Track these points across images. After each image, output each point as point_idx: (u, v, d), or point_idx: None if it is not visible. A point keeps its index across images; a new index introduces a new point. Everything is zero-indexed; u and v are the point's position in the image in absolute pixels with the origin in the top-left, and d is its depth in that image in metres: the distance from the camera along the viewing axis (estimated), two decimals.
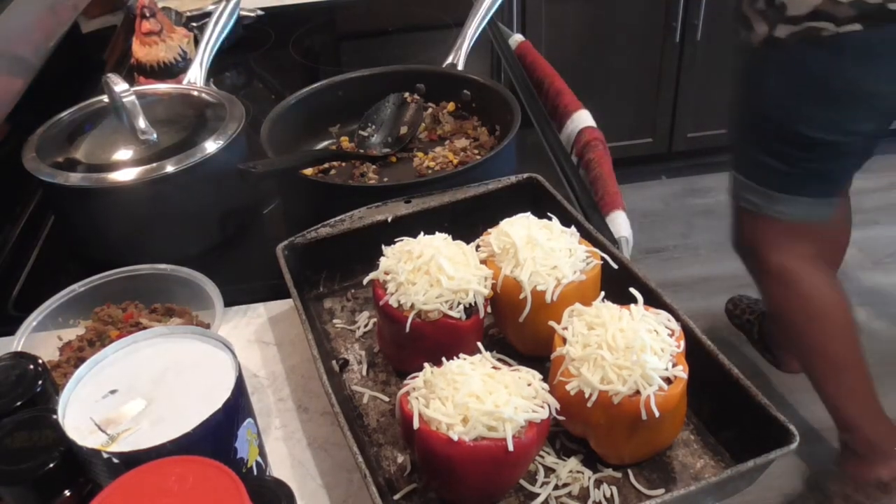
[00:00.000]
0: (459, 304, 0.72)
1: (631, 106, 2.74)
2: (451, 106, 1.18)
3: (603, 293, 0.74)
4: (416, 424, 0.62)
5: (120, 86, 0.97)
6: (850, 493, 1.76)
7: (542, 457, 0.69)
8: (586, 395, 0.64)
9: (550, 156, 1.16)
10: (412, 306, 0.72)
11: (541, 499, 0.66)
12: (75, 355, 0.79)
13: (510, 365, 0.70)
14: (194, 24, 1.43)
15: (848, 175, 1.60)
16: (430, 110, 1.18)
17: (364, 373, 0.80)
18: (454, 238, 0.78)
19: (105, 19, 1.64)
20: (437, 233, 0.78)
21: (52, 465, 0.56)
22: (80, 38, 1.46)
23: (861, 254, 2.58)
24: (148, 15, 1.28)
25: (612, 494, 0.66)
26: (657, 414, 0.62)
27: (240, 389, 0.59)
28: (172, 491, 0.47)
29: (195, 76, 1.18)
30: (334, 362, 0.81)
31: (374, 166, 1.09)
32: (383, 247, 0.78)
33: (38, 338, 0.80)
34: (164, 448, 0.53)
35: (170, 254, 0.89)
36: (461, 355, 0.66)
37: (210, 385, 0.59)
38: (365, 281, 0.78)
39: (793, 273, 1.62)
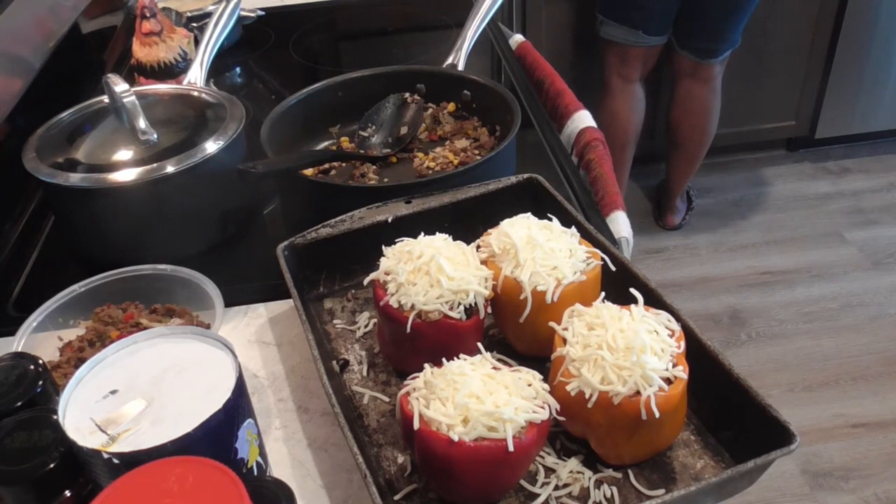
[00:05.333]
0: (460, 304, 0.72)
1: None
2: (451, 106, 1.18)
3: (603, 294, 0.74)
4: (416, 425, 0.62)
5: (120, 86, 0.97)
6: None
7: (542, 457, 0.69)
8: (586, 396, 0.64)
9: (550, 156, 1.16)
10: (412, 307, 0.72)
11: (541, 499, 0.66)
12: (75, 356, 0.79)
13: (510, 365, 0.70)
14: (194, 25, 1.43)
15: (656, 13, 2.25)
16: (430, 111, 1.18)
17: (364, 373, 0.80)
18: (454, 238, 0.78)
19: (105, 20, 1.64)
20: (437, 233, 0.78)
21: (52, 466, 0.56)
22: (79, 39, 1.46)
23: (861, 254, 2.58)
24: (148, 15, 1.28)
25: (612, 495, 0.66)
26: (657, 414, 0.62)
27: (240, 390, 0.59)
28: (172, 491, 0.47)
29: (195, 76, 1.18)
30: (334, 363, 0.81)
31: (374, 167, 1.09)
32: (383, 247, 0.78)
33: (39, 338, 0.80)
34: (165, 448, 0.53)
35: (170, 254, 0.89)
36: (461, 356, 0.66)
37: (210, 385, 0.59)
38: (365, 281, 0.78)
39: (613, 87, 2.41)
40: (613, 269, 0.77)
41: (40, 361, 0.66)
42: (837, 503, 1.86)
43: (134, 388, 0.59)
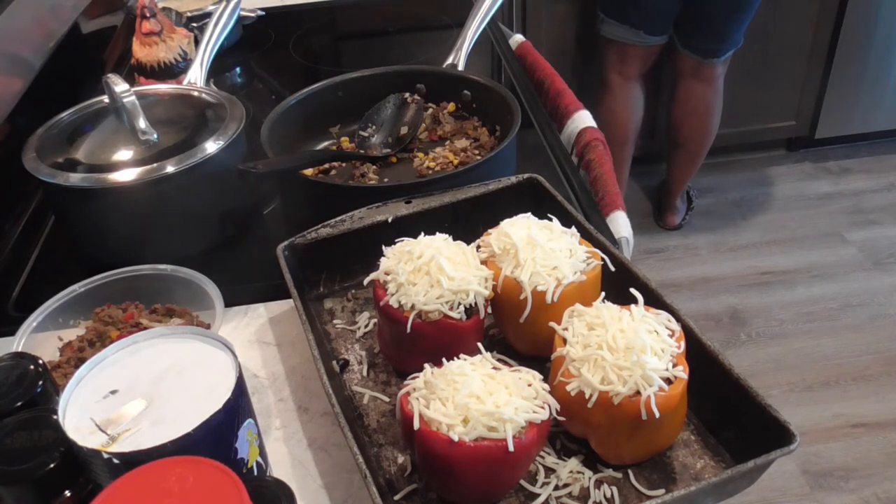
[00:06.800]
0: (460, 304, 0.72)
1: None
2: (451, 106, 1.18)
3: (603, 294, 0.74)
4: (416, 425, 0.62)
5: (120, 86, 0.97)
6: None
7: (542, 457, 0.69)
8: (586, 396, 0.64)
9: (551, 156, 1.16)
10: (412, 307, 0.72)
11: (541, 499, 0.66)
12: (76, 356, 0.79)
13: (510, 365, 0.70)
14: (194, 25, 1.43)
15: (657, 13, 2.27)
16: (430, 111, 1.18)
17: (364, 373, 0.80)
18: (455, 238, 0.78)
19: (105, 19, 1.64)
20: (437, 233, 0.78)
21: (52, 466, 0.56)
22: (80, 39, 1.46)
23: (861, 254, 2.58)
24: (148, 15, 1.28)
25: (612, 495, 0.66)
26: (657, 414, 0.62)
27: (240, 390, 0.59)
28: (173, 491, 0.47)
29: (195, 76, 1.18)
30: (335, 363, 0.81)
31: (374, 166, 1.09)
32: (384, 247, 0.78)
33: (39, 338, 0.80)
34: (165, 448, 0.53)
35: (170, 254, 0.89)
36: (461, 356, 0.66)
37: (210, 385, 0.59)
38: (365, 281, 0.78)
39: (613, 85, 2.42)
40: (613, 269, 0.77)
41: (40, 361, 0.66)
42: (837, 503, 1.86)
43: (134, 388, 0.59)
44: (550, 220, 0.79)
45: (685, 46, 2.35)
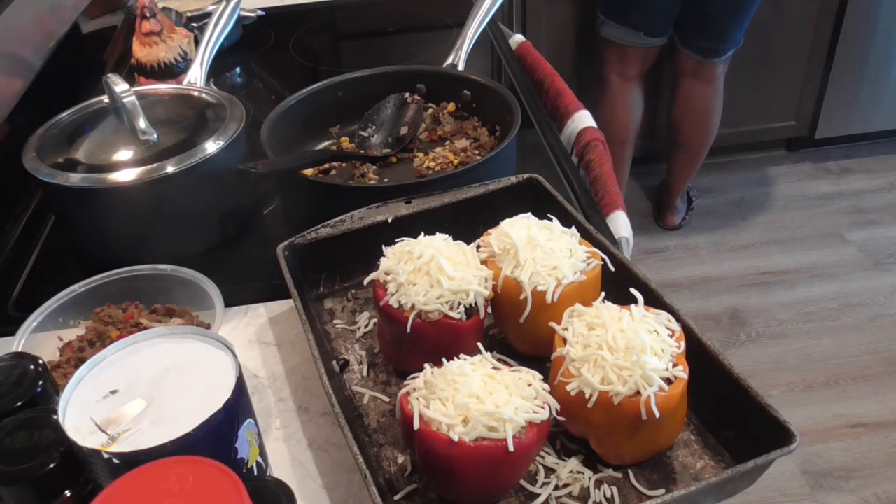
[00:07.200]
0: (460, 304, 0.72)
1: None
2: (451, 106, 1.18)
3: (603, 294, 0.74)
4: (416, 425, 0.62)
5: (120, 86, 0.97)
6: None
7: (542, 457, 0.69)
8: (586, 396, 0.64)
9: (551, 156, 1.16)
10: (412, 307, 0.72)
11: (541, 499, 0.66)
12: (76, 356, 0.79)
13: (510, 365, 0.70)
14: (194, 25, 1.43)
15: (658, 15, 2.28)
16: (430, 111, 1.18)
17: (364, 373, 0.80)
18: (455, 238, 0.78)
19: (105, 19, 1.64)
20: (437, 233, 0.78)
21: (52, 466, 0.56)
22: (80, 39, 1.46)
23: (861, 254, 2.58)
24: (148, 15, 1.28)
25: (612, 495, 0.66)
26: (657, 414, 0.62)
27: (240, 390, 0.59)
28: (173, 491, 0.47)
29: (195, 76, 1.18)
30: (335, 363, 0.81)
31: (374, 167, 1.09)
32: (383, 247, 0.78)
33: (39, 338, 0.80)
34: (165, 448, 0.53)
35: (170, 254, 0.89)
36: (461, 356, 0.66)
37: (210, 385, 0.59)
38: (365, 281, 0.78)
39: (612, 85, 2.42)
40: (613, 269, 0.77)
41: (40, 361, 0.66)
42: (837, 503, 1.86)
43: (134, 388, 0.59)
44: (550, 220, 0.79)
45: (685, 46, 2.35)
